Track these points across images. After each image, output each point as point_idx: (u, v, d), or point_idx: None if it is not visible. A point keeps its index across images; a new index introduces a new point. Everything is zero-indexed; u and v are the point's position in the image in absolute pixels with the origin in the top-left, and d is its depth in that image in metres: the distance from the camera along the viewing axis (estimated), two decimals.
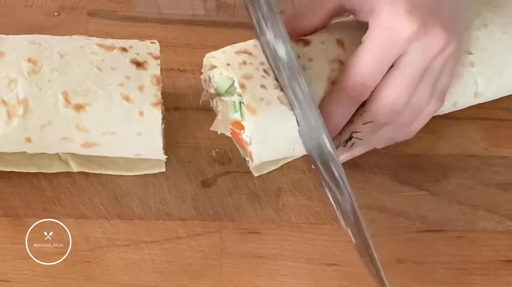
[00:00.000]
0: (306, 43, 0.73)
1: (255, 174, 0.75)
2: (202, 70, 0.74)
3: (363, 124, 0.71)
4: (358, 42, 0.71)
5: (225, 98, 0.72)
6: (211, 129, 0.73)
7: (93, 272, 0.70)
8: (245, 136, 0.72)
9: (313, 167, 0.72)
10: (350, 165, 0.77)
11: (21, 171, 0.72)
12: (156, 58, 0.71)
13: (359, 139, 0.72)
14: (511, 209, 0.77)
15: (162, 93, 0.70)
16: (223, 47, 0.81)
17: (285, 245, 0.73)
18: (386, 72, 0.70)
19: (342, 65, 0.71)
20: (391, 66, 0.70)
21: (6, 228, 0.71)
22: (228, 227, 0.73)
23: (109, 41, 0.71)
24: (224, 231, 0.73)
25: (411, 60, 0.69)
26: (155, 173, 0.74)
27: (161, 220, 0.73)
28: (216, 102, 0.74)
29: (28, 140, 0.68)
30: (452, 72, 0.73)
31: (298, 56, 0.71)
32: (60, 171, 0.73)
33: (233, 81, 0.70)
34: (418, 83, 0.70)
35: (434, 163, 0.79)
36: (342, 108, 0.70)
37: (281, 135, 0.71)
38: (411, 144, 0.77)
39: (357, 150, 0.75)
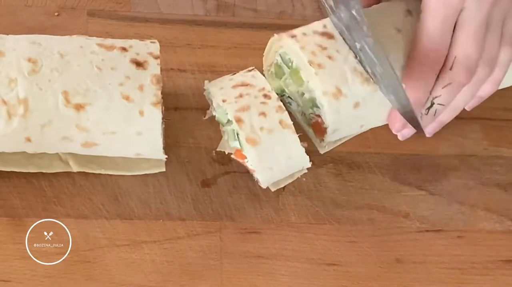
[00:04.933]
0: None
1: (272, 189, 0.74)
2: (204, 87, 0.74)
3: (442, 88, 0.72)
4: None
5: (226, 127, 0.73)
6: (217, 149, 0.74)
7: (93, 272, 0.70)
8: (249, 164, 0.72)
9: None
10: (350, 165, 0.77)
11: (21, 171, 0.72)
12: (156, 57, 0.71)
13: (441, 104, 0.73)
14: (510, 209, 0.77)
15: (162, 93, 0.70)
16: (223, 47, 0.82)
17: (285, 245, 0.73)
18: (453, 33, 0.71)
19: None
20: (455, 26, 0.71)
21: (6, 228, 0.70)
22: (228, 227, 0.73)
23: (109, 41, 0.71)
24: (224, 231, 0.73)
25: (470, 14, 0.70)
26: (155, 173, 0.74)
27: (161, 220, 0.73)
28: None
29: (28, 139, 0.68)
30: None
31: None
32: (60, 171, 0.73)
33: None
34: (484, 35, 0.71)
35: (434, 163, 0.79)
36: (423, 79, 0.71)
37: (287, 158, 0.71)
38: (411, 144, 0.77)
39: (444, 117, 0.75)
